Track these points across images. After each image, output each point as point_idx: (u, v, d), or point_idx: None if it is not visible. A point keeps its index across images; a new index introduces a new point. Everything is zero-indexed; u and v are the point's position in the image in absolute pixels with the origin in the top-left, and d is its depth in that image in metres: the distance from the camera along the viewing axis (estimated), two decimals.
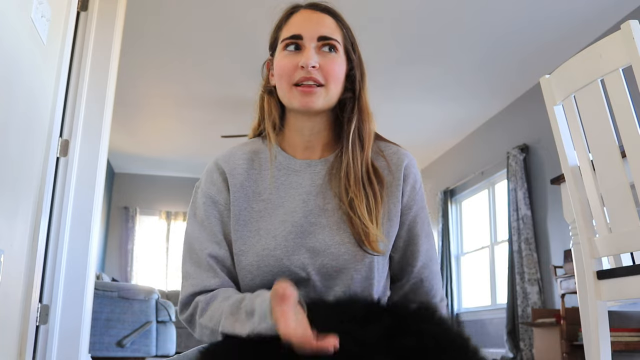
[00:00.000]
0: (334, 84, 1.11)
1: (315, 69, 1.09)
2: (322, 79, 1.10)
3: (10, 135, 1.70)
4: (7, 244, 1.74)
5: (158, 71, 5.48)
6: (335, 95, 1.13)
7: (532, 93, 5.64)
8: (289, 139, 1.18)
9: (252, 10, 4.32)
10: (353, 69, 1.16)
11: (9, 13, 1.59)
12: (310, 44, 1.11)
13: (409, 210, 1.15)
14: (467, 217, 7.39)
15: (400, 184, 1.14)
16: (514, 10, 4.33)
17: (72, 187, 2.57)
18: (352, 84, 1.16)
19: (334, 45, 1.12)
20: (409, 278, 1.16)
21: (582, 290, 1.75)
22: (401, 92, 5.86)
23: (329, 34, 1.12)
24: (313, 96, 1.09)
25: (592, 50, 1.49)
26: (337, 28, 1.14)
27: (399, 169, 1.14)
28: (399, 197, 1.13)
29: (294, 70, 1.10)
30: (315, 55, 1.10)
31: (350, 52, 1.16)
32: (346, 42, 1.16)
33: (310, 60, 1.08)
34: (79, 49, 2.68)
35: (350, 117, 1.14)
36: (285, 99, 1.13)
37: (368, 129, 1.14)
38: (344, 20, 1.17)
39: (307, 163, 1.15)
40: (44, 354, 2.40)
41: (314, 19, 1.14)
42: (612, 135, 1.46)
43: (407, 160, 1.16)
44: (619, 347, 3.72)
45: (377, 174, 1.13)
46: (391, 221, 1.12)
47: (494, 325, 6.20)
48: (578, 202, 1.60)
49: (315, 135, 1.16)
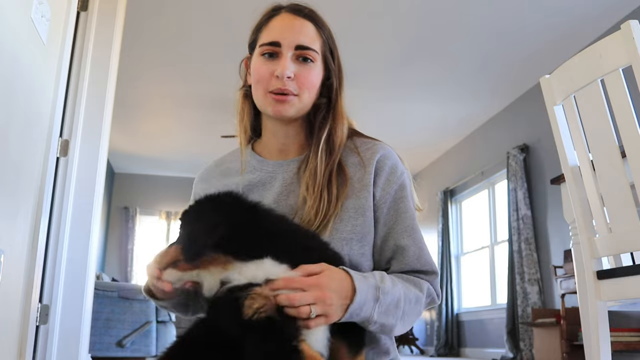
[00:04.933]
0: (308, 93, 1.13)
1: (290, 79, 1.10)
2: (295, 90, 1.11)
3: (10, 135, 1.70)
4: (7, 244, 1.74)
5: (158, 71, 5.48)
6: (309, 103, 1.14)
7: (532, 93, 5.64)
8: (265, 142, 1.21)
9: (252, 9, 4.31)
10: (330, 77, 1.17)
11: (9, 13, 1.59)
12: (287, 52, 1.11)
13: (383, 203, 1.12)
14: (467, 217, 7.39)
15: (371, 177, 1.12)
16: (514, 10, 4.33)
17: (72, 187, 2.57)
18: (328, 91, 1.16)
19: (311, 55, 1.12)
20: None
21: (582, 290, 1.75)
22: (401, 92, 5.86)
23: (308, 43, 1.12)
24: (286, 104, 1.11)
25: (592, 50, 1.49)
26: (316, 36, 1.15)
27: (370, 162, 1.13)
28: (371, 191, 1.12)
29: (269, 79, 1.11)
30: (292, 64, 1.11)
31: (329, 59, 1.17)
32: (325, 49, 1.16)
33: (286, 71, 1.09)
34: (79, 49, 2.68)
35: (323, 122, 1.15)
36: (260, 105, 1.15)
37: (340, 134, 1.15)
38: (325, 27, 1.17)
39: (280, 163, 1.17)
40: (44, 354, 2.39)
41: (295, 27, 1.14)
42: (612, 135, 1.46)
43: (381, 153, 1.14)
44: (619, 347, 3.72)
45: (342, 173, 1.12)
46: (364, 216, 1.10)
47: (494, 325, 6.20)
48: (578, 202, 1.60)
49: (291, 139, 1.18)
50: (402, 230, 1.11)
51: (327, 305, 0.91)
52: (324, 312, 0.91)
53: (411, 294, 1.05)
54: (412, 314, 1.06)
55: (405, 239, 1.10)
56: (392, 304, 1.00)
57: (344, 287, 0.94)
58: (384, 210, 1.12)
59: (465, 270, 7.28)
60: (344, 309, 0.94)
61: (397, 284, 1.04)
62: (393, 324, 1.02)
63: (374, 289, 0.98)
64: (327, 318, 0.92)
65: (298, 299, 0.88)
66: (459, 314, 7.08)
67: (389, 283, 1.02)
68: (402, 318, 1.04)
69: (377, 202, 1.12)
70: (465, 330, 6.89)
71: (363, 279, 0.98)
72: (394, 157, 1.16)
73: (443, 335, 6.98)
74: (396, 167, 1.15)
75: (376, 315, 0.98)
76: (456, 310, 7.09)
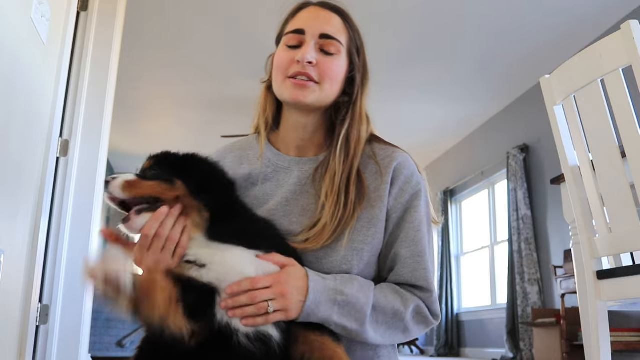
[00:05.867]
0: (330, 84, 1.09)
1: (311, 65, 1.07)
2: (316, 77, 1.08)
3: (10, 135, 1.70)
4: (7, 244, 1.74)
5: (158, 71, 5.48)
6: (331, 96, 1.11)
7: (532, 93, 5.64)
8: (284, 136, 1.17)
9: (252, 10, 4.32)
10: (354, 72, 1.13)
11: (9, 13, 1.59)
12: (311, 40, 1.08)
13: (394, 212, 1.09)
14: (467, 217, 7.39)
15: (387, 187, 1.09)
16: (514, 10, 4.33)
17: (72, 187, 2.57)
18: (350, 87, 1.13)
19: (335, 46, 1.09)
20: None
21: (582, 290, 1.75)
22: (401, 92, 5.86)
23: (333, 33, 1.09)
24: (305, 90, 1.07)
25: (592, 50, 1.49)
26: (343, 29, 1.12)
27: (387, 171, 1.10)
28: (385, 202, 1.09)
29: (289, 64, 1.08)
30: (314, 51, 1.08)
31: (354, 55, 1.13)
32: (351, 44, 1.13)
33: (307, 55, 1.06)
34: (79, 49, 2.68)
35: (342, 120, 1.11)
36: (278, 91, 1.12)
37: (357, 135, 1.11)
38: (352, 22, 1.14)
39: (297, 161, 1.14)
40: (44, 354, 2.39)
41: (321, 17, 1.11)
42: (612, 135, 1.46)
43: (398, 161, 1.11)
44: (619, 347, 3.72)
45: (361, 184, 1.08)
46: (376, 227, 1.08)
47: (494, 325, 6.20)
48: (578, 202, 1.60)
49: (310, 134, 1.14)
50: (403, 240, 1.08)
51: (287, 300, 0.92)
52: (283, 307, 0.92)
53: (388, 306, 1.02)
54: (391, 327, 1.03)
55: (404, 250, 1.07)
56: (355, 308, 0.98)
57: (301, 285, 0.95)
58: (393, 219, 1.09)
59: (465, 270, 7.28)
60: (301, 306, 0.94)
61: (369, 291, 1.01)
62: (357, 329, 0.99)
63: (331, 291, 0.97)
64: (286, 313, 0.92)
65: (258, 296, 0.89)
66: (459, 314, 7.08)
67: (353, 287, 0.99)
68: (375, 327, 1.01)
69: (389, 211, 1.10)
70: (465, 330, 6.89)
71: (321, 280, 0.98)
72: (410, 166, 1.13)
73: (443, 335, 6.98)
74: (412, 176, 1.12)
75: (336, 317, 0.97)
76: (456, 310, 7.09)
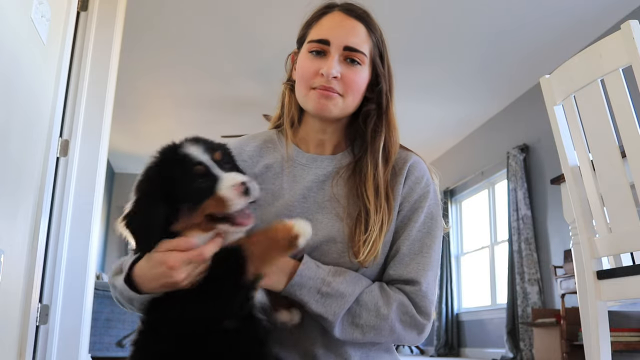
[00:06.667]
0: (352, 96, 1.11)
1: (335, 79, 1.08)
2: (341, 90, 1.09)
3: (10, 135, 1.70)
4: (7, 244, 1.74)
5: (158, 71, 5.48)
6: (352, 106, 1.12)
7: (532, 93, 5.64)
8: (303, 134, 1.19)
9: (252, 10, 4.32)
10: (380, 82, 1.14)
11: (9, 13, 1.59)
12: (335, 52, 1.09)
13: (401, 211, 1.10)
14: (467, 217, 7.39)
15: (401, 187, 1.11)
16: (514, 10, 4.33)
17: (72, 187, 2.57)
18: (378, 96, 1.14)
19: (358, 58, 1.10)
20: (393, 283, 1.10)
21: (582, 290, 1.75)
22: (401, 92, 5.79)
23: (357, 45, 1.10)
24: (330, 102, 1.09)
25: (592, 50, 1.49)
26: (367, 38, 1.12)
27: (402, 172, 1.12)
28: (398, 201, 1.11)
29: (314, 76, 1.09)
30: (338, 65, 1.09)
31: (378, 63, 1.14)
32: (374, 53, 1.13)
33: (332, 70, 1.07)
34: (79, 49, 2.68)
35: (377, 130, 1.13)
36: (302, 101, 1.13)
37: (395, 144, 1.14)
38: (377, 30, 1.15)
39: (314, 158, 1.16)
40: (44, 354, 2.39)
41: (345, 27, 1.11)
42: (612, 135, 1.46)
43: (411, 162, 1.14)
44: (619, 347, 3.72)
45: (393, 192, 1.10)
46: (390, 231, 1.09)
47: (494, 325, 6.20)
48: (578, 202, 1.60)
49: (328, 135, 1.16)
50: (405, 239, 1.09)
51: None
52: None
53: (371, 304, 1.03)
54: (376, 326, 1.03)
55: (405, 247, 1.08)
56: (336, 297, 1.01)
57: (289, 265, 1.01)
58: (400, 217, 1.11)
59: (465, 270, 7.28)
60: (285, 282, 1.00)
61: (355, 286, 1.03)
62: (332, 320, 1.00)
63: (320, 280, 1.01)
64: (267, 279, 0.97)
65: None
66: (459, 314, 7.08)
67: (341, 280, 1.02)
68: (355, 322, 1.02)
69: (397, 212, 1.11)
70: (465, 330, 6.89)
71: (315, 268, 1.02)
72: (422, 168, 1.15)
73: (443, 335, 6.98)
74: (422, 178, 1.13)
75: (314, 303, 1.00)
76: (456, 310, 7.09)
